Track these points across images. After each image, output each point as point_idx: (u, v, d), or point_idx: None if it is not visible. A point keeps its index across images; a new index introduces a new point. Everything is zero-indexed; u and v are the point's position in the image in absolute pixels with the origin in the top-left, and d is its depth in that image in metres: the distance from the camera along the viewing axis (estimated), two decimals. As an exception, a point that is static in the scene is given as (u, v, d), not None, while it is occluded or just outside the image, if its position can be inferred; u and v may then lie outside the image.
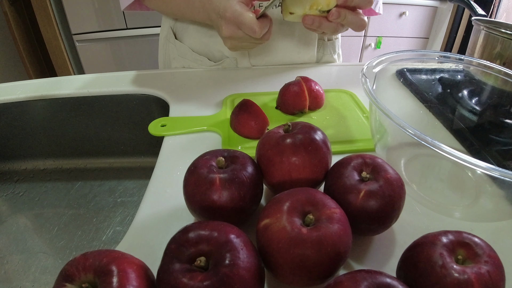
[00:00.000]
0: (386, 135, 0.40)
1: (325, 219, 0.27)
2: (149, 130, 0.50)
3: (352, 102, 0.58)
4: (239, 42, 0.52)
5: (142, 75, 0.68)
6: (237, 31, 0.50)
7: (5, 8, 1.65)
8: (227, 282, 0.22)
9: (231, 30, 0.50)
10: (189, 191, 0.32)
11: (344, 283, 0.23)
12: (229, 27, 0.50)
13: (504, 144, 0.49)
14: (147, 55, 1.95)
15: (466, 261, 0.25)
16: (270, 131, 0.36)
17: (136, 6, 0.66)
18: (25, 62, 1.84)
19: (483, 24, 0.63)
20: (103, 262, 0.23)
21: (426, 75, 0.58)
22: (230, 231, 0.25)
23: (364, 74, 0.39)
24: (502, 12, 1.70)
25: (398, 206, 0.31)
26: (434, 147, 0.29)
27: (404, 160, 0.42)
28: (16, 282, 0.48)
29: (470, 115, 0.56)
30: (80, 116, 0.65)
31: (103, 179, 0.67)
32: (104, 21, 1.80)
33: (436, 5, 2.03)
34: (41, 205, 0.61)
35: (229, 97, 0.59)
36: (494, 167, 0.27)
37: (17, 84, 0.65)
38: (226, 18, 0.49)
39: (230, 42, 0.53)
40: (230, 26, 0.50)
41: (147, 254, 0.30)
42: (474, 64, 0.49)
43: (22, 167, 0.68)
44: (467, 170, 0.40)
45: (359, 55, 2.23)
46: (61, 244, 0.55)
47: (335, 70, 0.73)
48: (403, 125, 0.32)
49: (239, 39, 0.51)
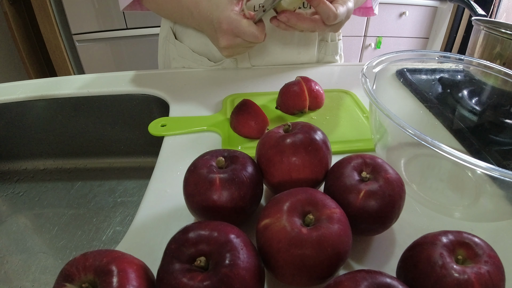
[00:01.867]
0: (386, 135, 0.40)
1: (325, 219, 0.27)
2: (149, 130, 0.50)
3: (352, 102, 0.58)
4: (236, 48, 0.52)
5: (142, 75, 0.68)
6: (235, 39, 0.49)
7: (5, 8, 1.65)
8: (227, 282, 0.22)
9: (229, 40, 0.50)
10: (189, 191, 0.32)
11: (344, 283, 0.23)
12: (226, 37, 0.49)
13: (504, 144, 0.49)
14: (147, 55, 1.95)
15: (466, 261, 0.25)
16: (270, 131, 0.36)
17: (135, 6, 0.66)
18: (25, 62, 1.84)
19: (483, 24, 0.63)
20: (103, 262, 0.23)
21: (426, 75, 0.58)
22: (230, 231, 0.25)
23: (364, 74, 0.39)
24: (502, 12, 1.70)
25: (398, 206, 0.31)
26: (434, 147, 0.29)
27: (404, 160, 0.42)
28: (16, 282, 0.48)
29: (470, 115, 0.56)
30: (80, 116, 0.65)
31: (103, 179, 0.67)
32: (104, 21, 1.80)
33: (436, 5, 2.03)
34: (41, 205, 0.61)
35: (229, 97, 0.59)
36: (494, 167, 0.27)
37: (17, 84, 0.65)
38: (223, 30, 0.49)
39: (227, 51, 0.52)
40: (228, 37, 0.49)
41: (147, 254, 0.30)
42: (474, 64, 0.49)
43: (22, 167, 0.68)
44: (467, 170, 0.40)
45: (359, 55, 2.23)
46: (61, 244, 0.55)
47: (335, 70, 0.73)
48: (403, 125, 0.32)
49: (237, 46, 0.51)
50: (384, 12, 2.02)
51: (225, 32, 0.49)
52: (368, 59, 0.50)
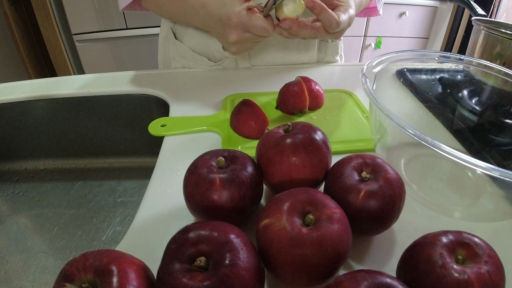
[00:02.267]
0: (386, 135, 0.40)
1: (325, 219, 0.27)
2: (149, 130, 0.50)
3: (352, 102, 0.58)
4: (245, 44, 0.52)
5: (142, 75, 0.68)
6: (244, 34, 0.50)
7: (5, 8, 1.65)
8: (227, 282, 0.22)
9: (239, 35, 0.50)
10: (189, 191, 0.32)
11: (344, 283, 0.23)
12: (236, 32, 0.50)
13: (504, 144, 0.49)
14: (147, 55, 1.95)
15: (466, 261, 0.25)
16: (270, 131, 0.36)
17: (135, 7, 0.66)
18: (25, 62, 1.84)
19: (483, 24, 0.63)
20: (103, 262, 0.23)
21: (426, 75, 0.58)
22: (230, 231, 0.25)
23: (364, 74, 0.39)
24: (502, 12, 1.70)
25: (398, 206, 0.31)
26: (434, 147, 0.29)
27: (404, 160, 0.42)
28: (16, 282, 0.48)
29: (470, 115, 0.56)
30: (80, 116, 0.65)
31: (103, 179, 0.67)
32: (104, 21, 1.80)
33: (436, 5, 2.03)
34: (41, 205, 0.61)
35: (229, 97, 0.59)
36: (494, 167, 0.27)
37: (17, 84, 0.65)
38: (232, 24, 0.49)
39: (236, 47, 0.53)
40: (238, 31, 0.50)
41: (147, 254, 0.30)
42: (474, 64, 0.49)
43: (22, 167, 0.68)
44: (467, 170, 0.40)
45: (359, 55, 2.23)
46: (61, 244, 0.55)
47: (335, 70, 0.73)
48: (403, 125, 0.32)
49: (245, 41, 0.51)
50: (384, 12, 2.01)
51: (235, 27, 0.49)
52: (368, 59, 0.50)
